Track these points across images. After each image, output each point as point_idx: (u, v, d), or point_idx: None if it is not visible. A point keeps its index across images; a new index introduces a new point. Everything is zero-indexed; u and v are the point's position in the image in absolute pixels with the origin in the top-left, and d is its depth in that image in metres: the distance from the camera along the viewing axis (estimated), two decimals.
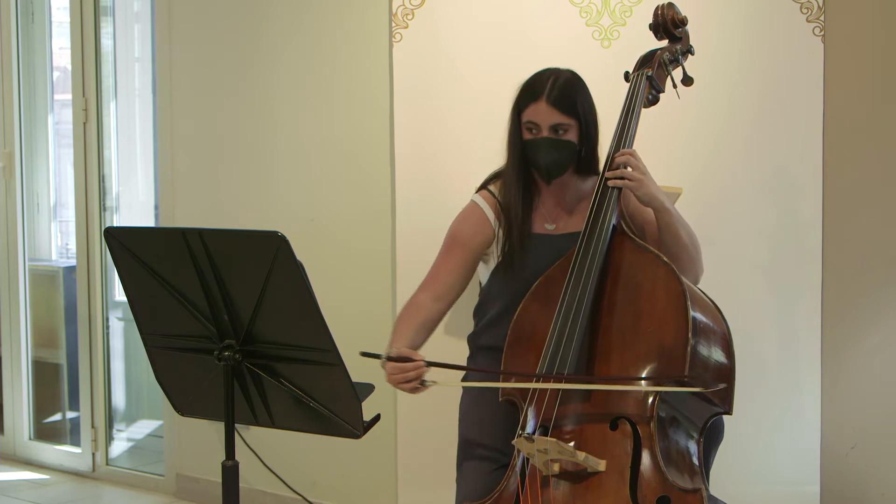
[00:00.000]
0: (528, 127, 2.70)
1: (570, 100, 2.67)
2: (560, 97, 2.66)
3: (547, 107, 2.66)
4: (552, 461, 2.34)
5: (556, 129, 2.67)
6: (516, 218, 2.75)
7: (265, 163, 4.11)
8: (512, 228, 2.76)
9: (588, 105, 2.71)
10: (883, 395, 3.17)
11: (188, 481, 4.41)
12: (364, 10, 3.78)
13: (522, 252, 2.75)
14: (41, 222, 5.23)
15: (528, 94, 2.70)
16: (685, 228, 2.67)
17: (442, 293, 2.78)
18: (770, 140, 3.21)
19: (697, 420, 2.48)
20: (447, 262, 2.82)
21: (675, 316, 2.42)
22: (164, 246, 2.27)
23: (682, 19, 2.79)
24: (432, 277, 2.81)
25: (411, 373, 2.49)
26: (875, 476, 3.18)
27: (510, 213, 2.76)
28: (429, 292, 2.78)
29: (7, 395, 5.13)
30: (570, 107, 2.67)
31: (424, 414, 3.46)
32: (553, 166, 2.70)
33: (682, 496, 2.27)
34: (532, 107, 2.68)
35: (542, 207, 2.81)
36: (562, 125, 2.67)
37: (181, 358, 2.35)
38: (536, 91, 2.68)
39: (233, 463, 2.29)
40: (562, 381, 2.43)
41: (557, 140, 2.68)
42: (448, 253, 2.83)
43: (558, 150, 2.68)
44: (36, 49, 5.18)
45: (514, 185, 2.76)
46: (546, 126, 2.67)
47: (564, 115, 2.66)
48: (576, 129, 2.69)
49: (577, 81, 2.72)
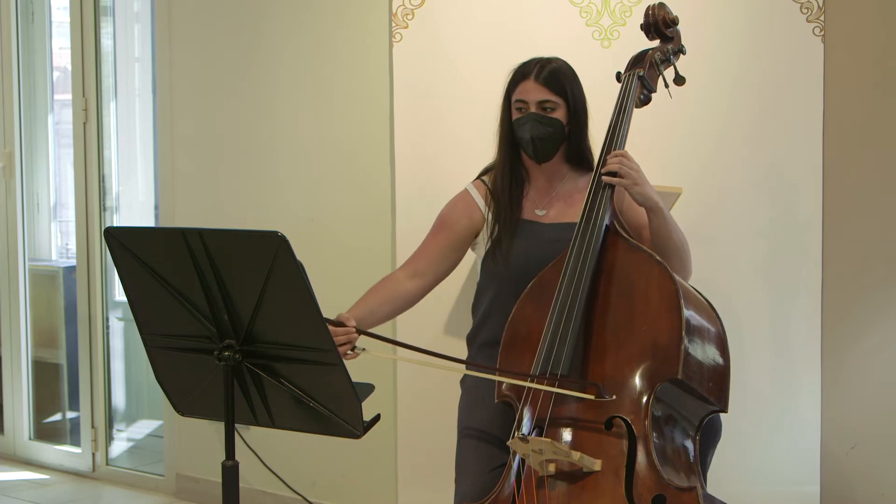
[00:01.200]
0: (517, 107, 2.77)
1: (559, 80, 2.74)
2: (549, 76, 2.74)
3: (535, 84, 2.73)
4: (548, 461, 2.34)
5: (543, 105, 2.73)
6: (504, 201, 2.80)
7: (265, 163, 4.11)
8: (500, 213, 2.80)
9: (577, 89, 2.78)
10: (883, 395, 3.17)
11: (188, 481, 4.41)
12: (364, 10, 3.78)
13: (510, 237, 2.78)
14: (41, 222, 5.23)
15: (517, 75, 2.79)
16: (677, 232, 2.68)
17: (420, 271, 2.84)
18: (770, 140, 3.21)
19: (693, 418, 2.48)
20: (430, 243, 2.88)
21: (669, 315, 2.42)
22: (164, 246, 2.27)
23: (672, 19, 2.80)
24: (413, 256, 2.88)
25: (341, 337, 2.51)
26: (875, 476, 3.18)
27: (498, 197, 2.80)
28: (406, 269, 2.85)
29: (7, 395, 5.13)
30: (558, 86, 2.74)
31: (424, 414, 3.47)
32: (540, 141, 2.74)
33: (677, 494, 2.27)
34: (521, 85, 2.76)
35: (532, 193, 2.83)
36: (549, 101, 2.73)
37: (181, 358, 2.35)
38: (525, 71, 2.77)
39: (233, 463, 2.29)
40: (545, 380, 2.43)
41: (544, 115, 2.74)
42: (433, 234, 2.89)
43: (544, 125, 2.73)
44: (36, 49, 5.18)
45: (503, 169, 2.82)
46: (534, 102, 2.74)
47: (552, 92, 2.73)
48: (564, 109, 2.75)
49: (568, 68, 2.79)
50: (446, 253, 2.86)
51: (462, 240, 2.88)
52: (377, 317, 2.73)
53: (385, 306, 2.76)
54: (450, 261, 2.88)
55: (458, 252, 2.89)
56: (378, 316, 2.73)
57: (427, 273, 2.84)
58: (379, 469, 3.81)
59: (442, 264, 2.86)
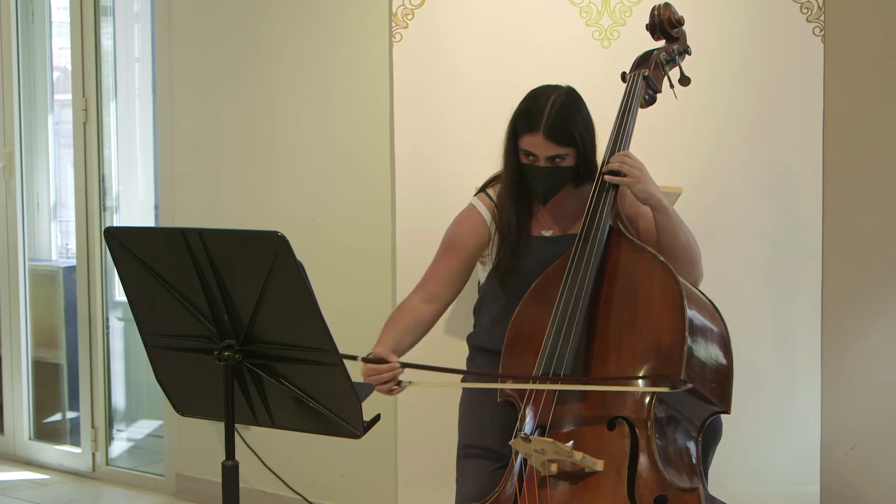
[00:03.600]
0: (525, 153, 2.70)
1: (567, 130, 2.65)
2: (557, 128, 2.64)
3: (544, 140, 2.65)
4: (550, 461, 2.34)
5: (553, 158, 2.67)
6: (512, 230, 2.76)
7: (265, 163, 4.11)
8: (505, 238, 2.77)
9: (585, 128, 2.69)
10: (883, 395, 3.17)
11: (188, 481, 4.41)
12: (364, 10, 3.78)
13: (518, 258, 2.76)
14: (41, 222, 5.23)
15: (524, 122, 2.68)
16: (683, 229, 2.66)
17: (435, 295, 2.79)
18: (770, 140, 3.21)
19: (696, 419, 2.48)
20: (442, 265, 2.83)
21: (672, 315, 2.42)
22: (164, 246, 2.27)
23: (678, 19, 2.79)
24: (426, 279, 2.83)
25: (386, 374, 2.52)
26: (875, 476, 3.18)
27: (504, 226, 2.77)
28: (421, 294, 2.80)
29: (7, 395, 5.13)
30: (567, 137, 2.66)
31: (424, 414, 3.46)
32: (550, 192, 2.72)
33: (679, 495, 2.27)
34: (528, 137, 2.67)
35: (539, 216, 2.81)
36: (559, 155, 2.67)
37: (181, 358, 2.35)
38: (533, 121, 2.66)
39: (233, 463, 2.28)
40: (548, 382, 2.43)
41: (555, 168, 2.69)
42: (443, 255, 2.84)
43: (555, 178, 2.70)
44: (36, 49, 5.18)
45: (509, 200, 2.77)
46: (543, 157, 2.67)
47: (561, 146, 2.66)
48: (573, 155, 2.69)
49: (574, 103, 2.69)
50: (459, 274, 2.83)
51: (472, 259, 2.85)
52: (403, 346, 2.69)
53: (409, 336, 2.73)
54: (462, 281, 2.85)
55: (469, 270, 2.86)
56: (404, 346, 2.70)
57: (442, 296, 2.80)
58: (379, 469, 3.80)
59: (455, 286, 2.83)
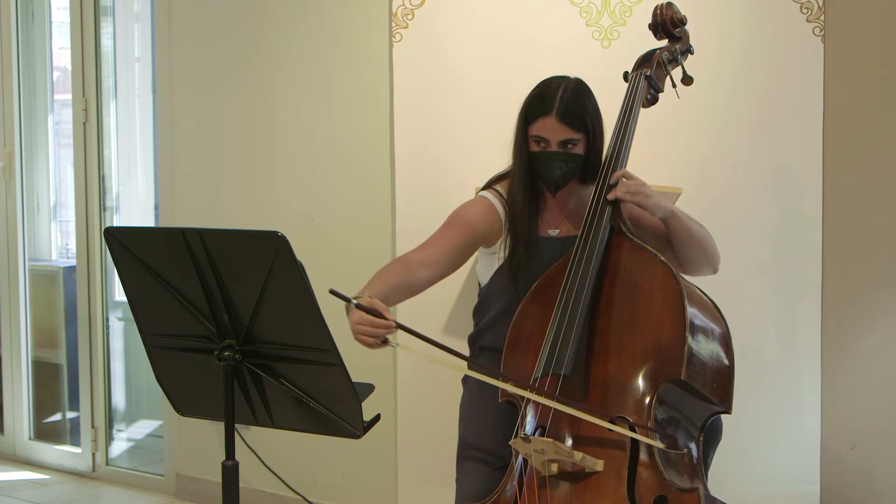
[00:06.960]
0: (536, 139, 2.69)
1: (579, 114, 2.65)
2: (569, 112, 2.64)
3: (557, 123, 2.65)
4: (550, 461, 2.34)
5: (565, 143, 2.67)
6: (522, 225, 2.74)
7: (265, 163, 4.11)
8: (518, 235, 2.75)
9: (596, 116, 2.70)
10: (883, 395, 3.17)
11: (188, 481, 4.41)
12: (364, 11, 3.78)
13: (528, 258, 2.74)
14: (41, 222, 5.23)
15: (537, 107, 2.68)
16: (694, 223, 2.68)
17: (434, 260, 2.68)
18: (770, 140, 3.21)
19: (696, 419, 2.48)
20: (446, 235, 2.74)
21: (673, 315, 2.42)
22: (164, 246, 2.27)
23: (681, 18, 2.79)
24: (427, 243, 2.73)
25: (381, 329, 2.35)
26: (875, 476, 3.18)
27: (516, 220, 2.75)
28: (421, 254, 2.69)
29: (7, 395, 5.13)
30: (579, 122, 2.66)
31: (424, 414, 3.47)
32: (561, 180, 2.70)
33: (679, 495, 2.27)
34: (541, 121, 2.66)
35: (546, 214, 2.81)
36: (571, 140, 2.67)
37: (181, 358, 2.35)
38: (546, 105, 2.66)
39: (233, 463, 2.29)
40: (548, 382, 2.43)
41: (567, 154, 2.68)
42: (449, 228, 2.76)
43: (567, 164, 2.68)
44: (36, 49, 5.18)
45: (520, 193, 2.74)
46: (555, 141, 2.67)
47: (574, 130, 2.66)
48: (584, 143, 2.68)
49: (584, 91, 2.70)
50: (460, 251, 2.74)
51: (476, 242, 2.79)
52: (390, 302, 2.54)
53: (397, 293, 2.59)
54: (461, 259, 2.77)
55: (469, 253, 2.80)
56: (390, 302, 2.55)
57: (439, 264, 2.69)
58: (379, 469, 3.81)
59: (452, 260, 2.73)
